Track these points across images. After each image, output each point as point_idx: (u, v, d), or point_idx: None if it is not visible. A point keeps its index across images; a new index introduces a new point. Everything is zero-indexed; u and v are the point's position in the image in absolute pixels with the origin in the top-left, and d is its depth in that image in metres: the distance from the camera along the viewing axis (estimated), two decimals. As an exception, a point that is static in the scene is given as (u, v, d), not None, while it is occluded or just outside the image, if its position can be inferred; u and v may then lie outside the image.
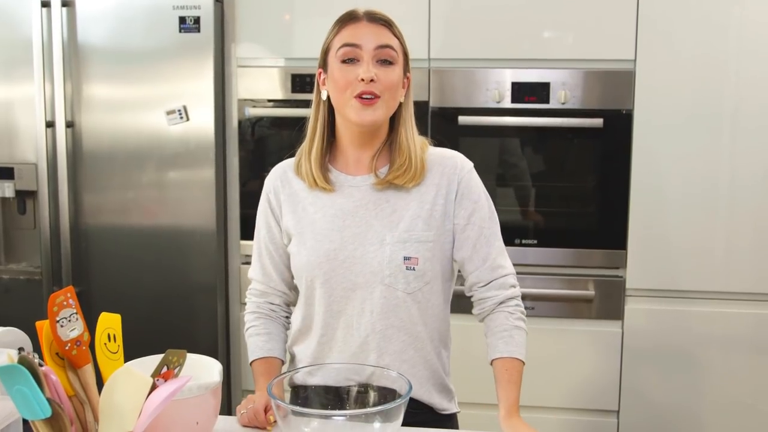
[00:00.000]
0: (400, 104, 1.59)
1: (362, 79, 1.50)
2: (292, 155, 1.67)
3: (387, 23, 1.55)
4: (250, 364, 1.66)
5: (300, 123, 1.69)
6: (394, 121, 1.60)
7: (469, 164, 1.63)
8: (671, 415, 2.69)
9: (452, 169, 1.60)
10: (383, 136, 1.60)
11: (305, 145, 1.62)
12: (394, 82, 1.54)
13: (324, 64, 1.58)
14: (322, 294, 1.58)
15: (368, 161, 1.60)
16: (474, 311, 1.64)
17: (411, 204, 1.57)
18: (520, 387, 1.53)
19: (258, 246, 1.69)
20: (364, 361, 1.57)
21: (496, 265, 1.60)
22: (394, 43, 1.55)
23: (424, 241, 1.56)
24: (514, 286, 1.61)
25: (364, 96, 1.51)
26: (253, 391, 1.61)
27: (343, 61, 1.53)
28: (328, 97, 1.57)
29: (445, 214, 1.58)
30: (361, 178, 1.60)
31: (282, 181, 1.65)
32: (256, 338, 1.66)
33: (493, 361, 1.56)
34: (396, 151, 1.58)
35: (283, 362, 1.68)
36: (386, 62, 1.53)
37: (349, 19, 1.56)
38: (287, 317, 1.72)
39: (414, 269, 1.54)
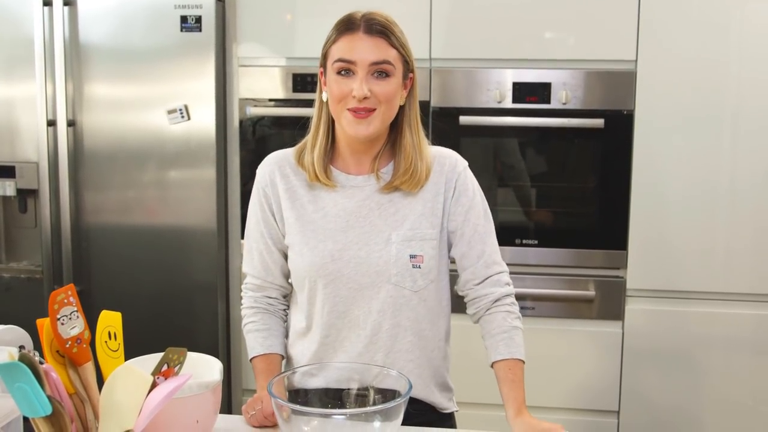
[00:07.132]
0: (403, 106, 1.58)
1: (355, 96, 1.49)
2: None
3: (385, 33, 1.51)
4: (251, 360, 1.65)
5: (301, 122, 1.68)
6: (397, 122, 1.59)
7: (464, 162, 1.64)
8: (671, 415, 2.68)
9: (450, 167, 1.61)
10: (383, 139, 1.60)
11: (309, 139, 1.61)
12: (390, 94, 1.52)
13: (324, 65, 1.57)
14: (326, 295, 1.57)
15: (369, 162, 1.60)
16: (469, 311, 1.64)
17: (414, 203, 1.58)
18: (524, 386, 1.54)
19: (255, 240, 1.65)
20: (371, 359, 1.56)
21: (491, 261, 1.61)
22: (391, 55, 1.52)
23: (429, 239, 1.56)
24: (508, 284, 1.62)
25: (357, 111, 1.50)
26: (254, 390, 1.60)
27: (339, 73, 1.52)
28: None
29: (444, 211, 1.59)
30: (362, 178, 1.60)
31: (280, 175, 1.62)
32: (255, 334, 1.65)
33: (494, 363, 1.56)
34: (400, 154, 1.58)
35: (283, 357, 1.67)
36: (382, 74, 1.51)
37: (346, 28, 1.52)
38: (285, 310, 1.70)
39: (420, 267, 1.55)
